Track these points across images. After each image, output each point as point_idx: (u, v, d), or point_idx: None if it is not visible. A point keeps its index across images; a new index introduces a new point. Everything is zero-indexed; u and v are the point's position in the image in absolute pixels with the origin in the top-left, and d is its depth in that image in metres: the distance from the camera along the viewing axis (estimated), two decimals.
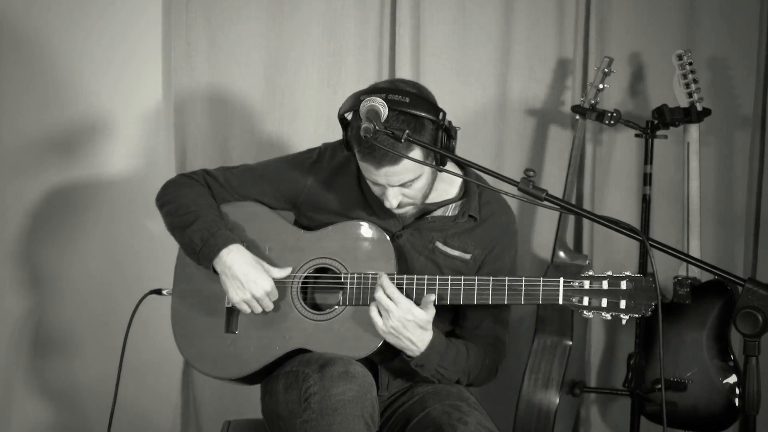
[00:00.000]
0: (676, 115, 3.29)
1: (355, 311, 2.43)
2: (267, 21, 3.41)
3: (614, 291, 2.28)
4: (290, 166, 2.59)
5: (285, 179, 2.58)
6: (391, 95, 2.27)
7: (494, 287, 2.35)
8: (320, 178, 2.55)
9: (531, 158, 3.58)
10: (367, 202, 2.52)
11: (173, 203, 2.57)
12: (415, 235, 2.50)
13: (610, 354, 3.65)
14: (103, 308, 3.43)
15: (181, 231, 2.52)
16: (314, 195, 2.55)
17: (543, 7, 3.52)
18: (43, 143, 3.38)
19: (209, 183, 2.61)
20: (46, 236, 3.41)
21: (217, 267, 2.47)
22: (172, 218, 2.56)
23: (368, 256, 2.44)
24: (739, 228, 3.58)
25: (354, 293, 2.43)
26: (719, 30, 3.51)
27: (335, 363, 2.30)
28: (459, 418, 2.36)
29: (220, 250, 2.45)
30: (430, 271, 2.50)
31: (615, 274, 2.30)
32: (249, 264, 2.45)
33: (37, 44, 3.35)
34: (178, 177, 2.68)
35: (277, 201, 2.60)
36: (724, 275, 2.13)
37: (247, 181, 2.60)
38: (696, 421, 3.30)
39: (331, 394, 2.24)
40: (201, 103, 3.41)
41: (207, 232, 2.47)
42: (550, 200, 2.17)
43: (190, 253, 2.52)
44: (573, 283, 2.31)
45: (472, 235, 2.53)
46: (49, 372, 3.46)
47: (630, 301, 2.28)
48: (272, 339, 2.48)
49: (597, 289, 2.30)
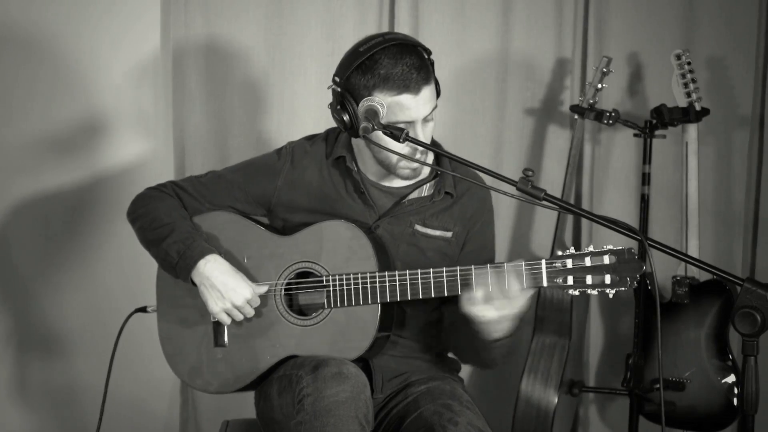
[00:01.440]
0: (674, 114, 3.29)
1: (342, 312, 2.41)
2: (265, 22, 3.41)
3: (598, 267, 2.26)
4: (257, 170, 2.57)
5: (255, 183, 2.55)
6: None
7: (477, 274, 2.31)
8: (288, 178, 2.53)
9: (529, 158, 3.58)
10: (339, 193, 2.51)
11: (146, 217, 2.53)
12: (393, 222, 2.49)
13: (609, 353, 3.65)
14: (103, 308, 3.43)
15: (156, 245, 2.48)
16: (285, 195, 2.53)
17: (541, 7, 3.52)
18: (43, 143, 3.38)
19: (179, 195, 2.56)
20: (47, 236, 3.41)
21: (195, 279, 2.44)
22: (146, 232, 2.52)
23: (347, 256, 2.41)
24: (737, 227, 3.58)
25: (338, 295, 2.41)
26: (718, 30, 3.51)
27: (328, 364, 2.29)
28: (450, 419, 2.35)
29: (197, 261, 2.42)
30: (413, 257, 2.49)
31: (596, 249, 2.27)
32: (227, 273, 2.42)
33: (38, 43, 3.35)
34: (148, 190, 2.61)
35: (250, 206, 2.57)
36: (723, 275, 2.13)
37: (217, 189, 2.57)
38: (694, 420, 3.30)
39: (324, 396, 2.23)
40: (201, 102, 3.42)
41: (183, 244, 2.44)
42: (549, 200, 2.17)
43: (167, 268, 2.49)
44: (556, 264, 2.27)
45: (451, 212, 2.52)
46: (44, 374, 3.46)
47: (615, 276, 2.25)
48: (263, 349, 2.47)
49: (580, 266, 2.27)
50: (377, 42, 2.37)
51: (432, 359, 2.59)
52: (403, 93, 2.34)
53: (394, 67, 2.34)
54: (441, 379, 2.54)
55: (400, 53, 2.35)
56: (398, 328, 2.52)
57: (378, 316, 2.40)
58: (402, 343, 2.54)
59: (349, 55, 2.40)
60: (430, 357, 2.59)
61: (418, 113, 2.36)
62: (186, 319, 2.53)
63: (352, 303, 2.40)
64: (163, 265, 2.51)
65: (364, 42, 2.40)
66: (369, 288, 2.39)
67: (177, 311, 2.55)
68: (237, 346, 2.50)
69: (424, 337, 2.57)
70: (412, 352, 2.56)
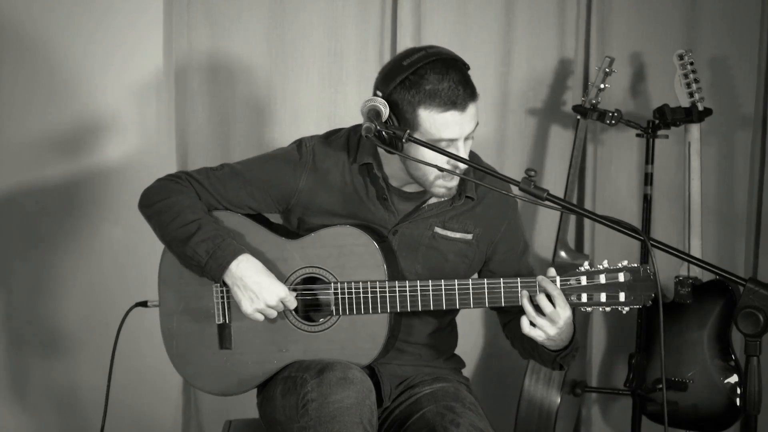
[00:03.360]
0: (677, 114, 3.29)
1: (350, 320, 2.39)
2: (268, 21, 3.41)
3: (612, 284, 2.25)
4: (277, 169, 2.49)
5: (274, 184, 2.48)
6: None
7: (489, 289, 2.31)
8: (311, 179, 2.47)
9: (532, 158, 3.58)
10: (360, 198, 2.47)
11: (167, 212, 2.45)
12: (412, 225, 2.46)
13: (612, 354, 3.65)
14: (105, 308, 3.43)
15: (181, 243, 2.42)
16: (306, 197, 2.47)
17: (544, 7, 3.52)
18: (45, 142, 3.38)
19: (195, 188, 2.49)
20: (48, 235, 3.41)
21: (227, 280, 2.39)
22: (168, 228, 2.44)
23: (356, 264, 2.38)
24: (740, 228, 3.58)
25: (346, 303, 2.38)
26: (720, 30, 3.52)
27: (333, 368, 2.27)
28: (452, 420, 2.34)
29: (230, 262, 2.38)
30: (433, 259, 2.46)
31: (611, 266, 2.26)
32: (260, 273, 2.39)
33: (40, 42, 3.35)
34: (163, 181, 2.52)
35: (267, 205, 2.52)
36: (725, 275, 2.13)
37: (234, 186, 2.50)
38: (697, 420, 3.30)
39: (329, 401, 2.22)
40: (203, 103, 3.41)
41: (212, 243, 2.39)
42: (552, 200, 2.17)
43: (193, 266, 2.43)
44: (570, 281, 2.27)
45: (472, 215, 2.48)
46: (43, 373, 3.46)
47: (629, 294, 2.24)
48: (269, 353, 2.45)
49: (594, 284, 2.26)
50: (420, 56, 2.30)
51: (440, 365, 2.58)
52: (450, 110, 2.28)
53: (440, 82, 2.27)
54: (445, 380, 2.53)
55: (445, 68, 2.29)
56: (406, 335, 2.50)
57: (388, 326, 2.39)
58: (410, 351, 2.53)
59: (392, 69, 2.32)
60: (437, 363, 2.57)
61: (462, 131, 2.31)
62: (191, 320, 2.51)
63: (361, 311, 2.37)
64: (188, 263, 2.44)
65: (406, 55, 2.33)
66: (378, 297, 2.37)
67: (182, 311, 2.52)
68: (242, 349, 2.48)
69: (433, 343, 2.56)
70: (420, 360, 2.54)
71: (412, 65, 2.29)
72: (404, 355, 2.52)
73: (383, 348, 2.39)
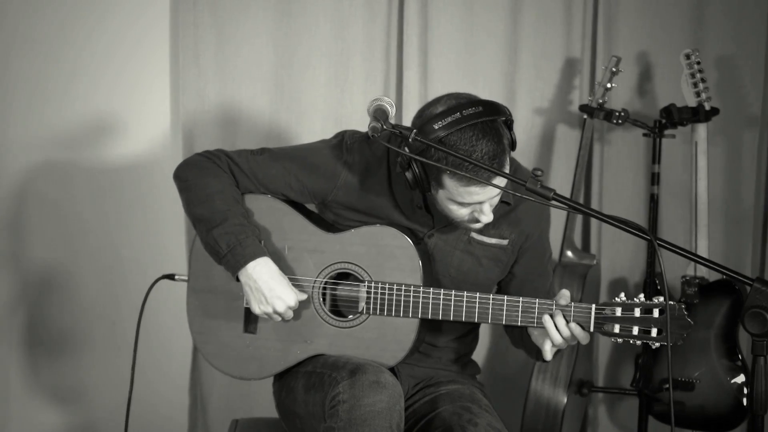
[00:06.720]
0: (684, 114, 3.29)
1: (380, 321, 2.38)
2: (274, 20, 3.42)
3: (646, 319, 2.24)
4: (316, 166, 2.46)
5: (313, 179, 2.45)
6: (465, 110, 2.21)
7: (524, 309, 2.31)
8: (351, 177, 2.44)
9: (539, 158, 3.58)
10: (397, 203, 2.45)
11: (198, 191, 2.44)
12: (448, 231, 2.44)
13: (618, 354, 3.65)
14: (110, 306, 3.44)
15: (205, 227, 2.41)
16: (345, 194, 2.45)
17: (550, 7, 3.52)
18: (49, 142, 3.39)
19: (233, 171, 2.47)
20: (52, 234, 3.42)
21: (241, 277, 2.40)
22: (195, 208, 2.43)
23: (393, 265, 2.37)
24: (747, 227, 3.57)
25: (378, 302, 2.38)
26: (727, 29, 3.51)
27: (366, 371, 2.25)
28: (469, 420, 2.34)
29: (248, 262, 2.37)
30: (468, 264, 2.45)
31: (647, 301, 2.24)
32: (274, 278, 2.38)
33: (43, 43, 3.36)
34: (201, 157, 2.49)
35: (303, 196, 2.49)
36: (732, 275, 2.13)
37: (273, 173, 2.47)
38: (704, 420, 3.30)
39: (361, 404, 2.20)
40: (209, 102, 3.42)
41: (234, 238, 2.38)
42: (558, 200, 2.17)
43: (212, 253, 2.43)
44: (605, 310, 2.26)
45: (507, 220, 2.47)
46: (53, 371, 3.47)
47: (662, 331, 2.23)
48: (293, 343, 2.44)
49: (629, 316, 2.25)
50: (456, 119, 2.19)
51: (458, 369, 2.58)
52: (472, 185, 2.23)
53: (470, 154, 2.18)
54: (461, 383, 2.52)
55: (477, 136, 2.19)
56: (433, 339, 2.50)
57: (417, 331, 2.38)
58: (434, 355, 2.53)
59: (432, 118, 2.22)
60: (455, 368, 2.58)
61: (486, 196, 2.28)
62: (218, 300, 2.50)
63: (392, 314, 2.37)
64: (208, 248, 2.43)
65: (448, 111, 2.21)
66: (411, 302, 2.36)
67: (209, 291, 2.51)
68: (267, 335, 2.47)
69: (457, 348, 2.56)
70: (439, 363, 2.55)
71: (448, 127, 2.19)
72: (428, 359, 2.52)
73: (409, 352, 2.39)
